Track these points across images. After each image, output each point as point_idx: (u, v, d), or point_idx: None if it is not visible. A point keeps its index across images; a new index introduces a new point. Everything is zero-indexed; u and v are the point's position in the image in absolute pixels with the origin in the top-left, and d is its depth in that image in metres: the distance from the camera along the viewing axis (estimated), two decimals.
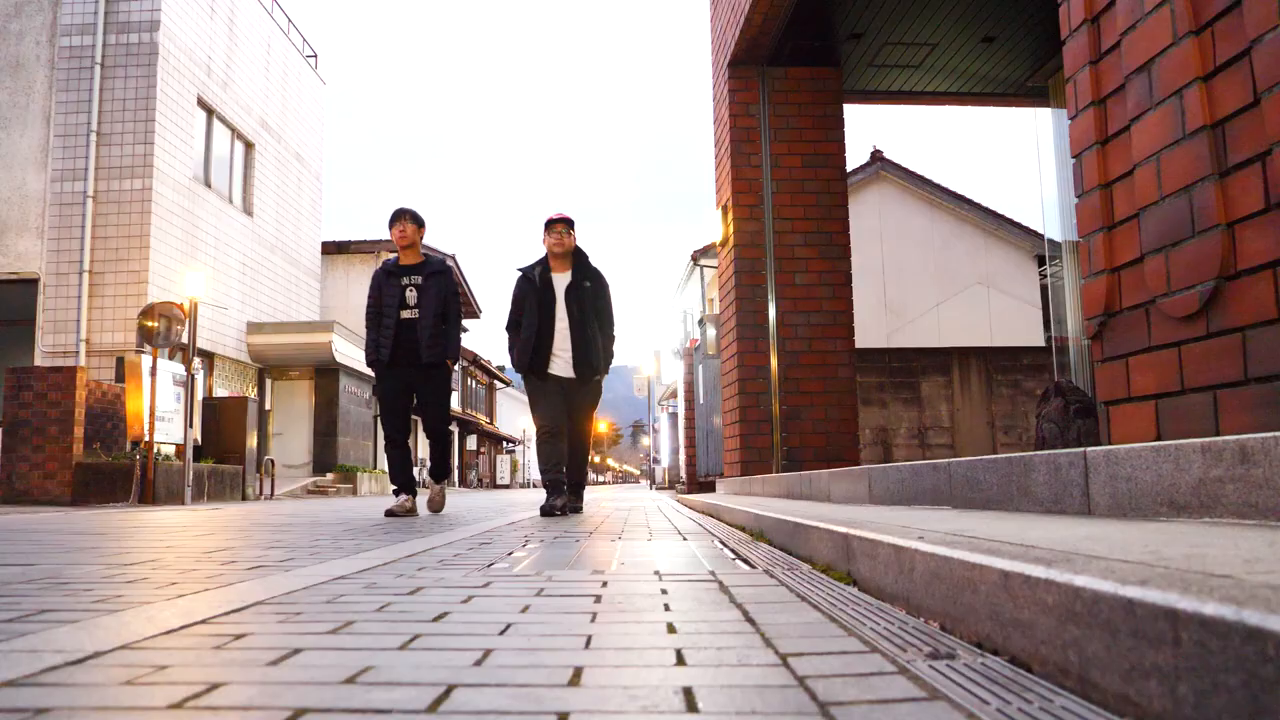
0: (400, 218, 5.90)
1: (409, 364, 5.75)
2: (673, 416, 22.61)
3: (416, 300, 5.78)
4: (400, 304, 5.76)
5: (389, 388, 5.79)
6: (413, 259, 5.93)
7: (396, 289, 5.80)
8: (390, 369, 5.76)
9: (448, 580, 2.01)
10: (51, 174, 14.14)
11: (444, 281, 5.89)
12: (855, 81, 8.32)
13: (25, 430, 10.31)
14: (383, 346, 5.74)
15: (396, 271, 5.87)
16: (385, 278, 5.87)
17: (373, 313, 5.85)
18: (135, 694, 0.97)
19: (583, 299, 5.63)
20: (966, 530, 1.75)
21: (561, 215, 5.73)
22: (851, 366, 7.36)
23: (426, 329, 5.73)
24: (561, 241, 5.66)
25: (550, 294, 5.63)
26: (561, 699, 0.94)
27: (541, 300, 5.61)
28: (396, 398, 5.81)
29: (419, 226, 5.97)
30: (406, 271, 5.86)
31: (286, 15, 19.97)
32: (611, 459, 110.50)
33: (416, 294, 5.79)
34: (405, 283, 5.81)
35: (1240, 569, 0.97)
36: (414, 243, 5.92)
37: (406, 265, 5.90)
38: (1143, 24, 2.33)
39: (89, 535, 3.93)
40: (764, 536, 3.24)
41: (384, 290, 5.82)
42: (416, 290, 5.80)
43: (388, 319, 5.75)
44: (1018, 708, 0.89)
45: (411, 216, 5.94)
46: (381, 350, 5.75)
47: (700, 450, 13.30)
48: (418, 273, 5.85)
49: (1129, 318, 2.43)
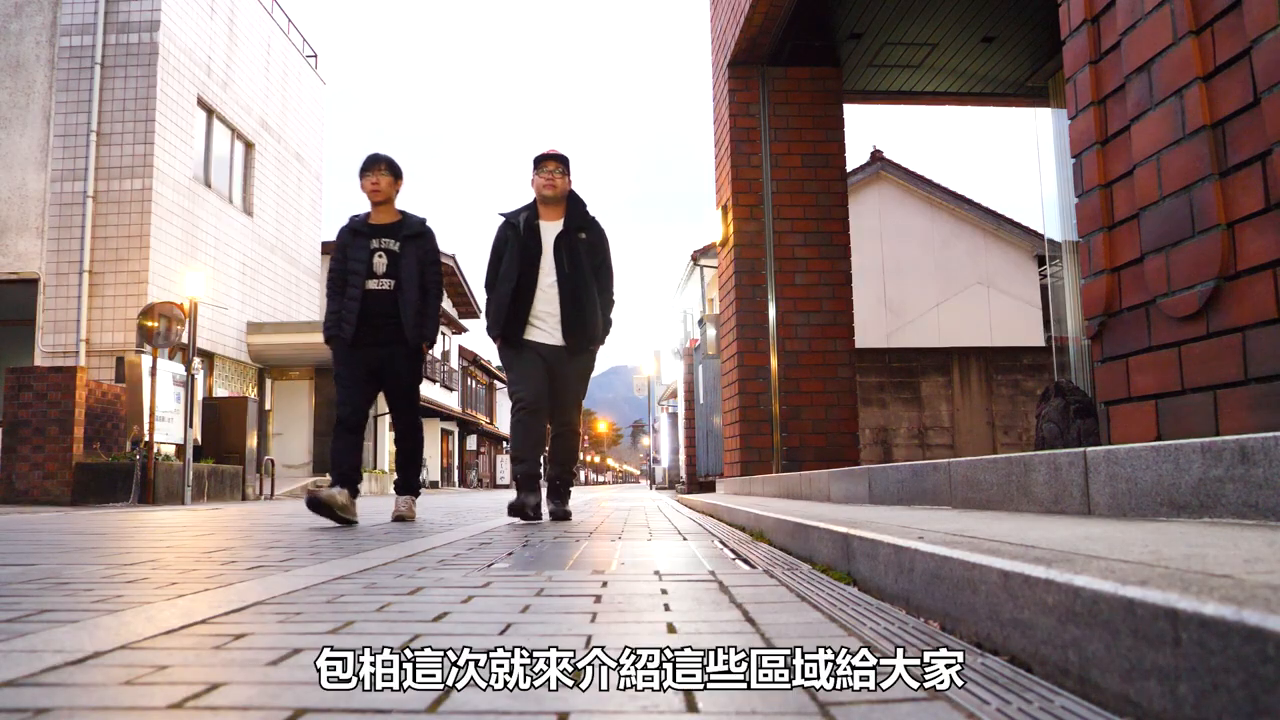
0: (374, 166, 4.90)
1: (376, 344, 4.77)
2: (673, 416, 22.62)
3: (388, 268, 4.79)
4: (368, 271, 4.76)
5: (350, 372, 4.78)
6: (386, 217, 4.91)
7: (364, 253, 4.79)
8: (353, 350, 4.76)
9: (448, 580, 2.01)
10: (51, 174, 14.14)
11: (423, 247, 4.88)
12: (855, 81, 8.32)
13: (25, 430, 10.30)
14: (345, 321, 4.74)
15: (365, 231, 4.85)
16: (351, 238, 4.86)
17: (335, 279, 4.85)
18: (135, 694, 0.97)
19: (576, 252, 4.68)
20: (966, 530, 1.75)
21: (554, 151, 4.81)
22: (851, 366, 7.36)
23: (400, 304, 4.77)
24: (553, 182, 4.74)
25: (536, 243, 4.69)
26: (562, 699, 0.94)
27: (525, 251, 4.67)
28: (358, 385, 4.79)
29: (395, 178, 4.94)
30: (378, 232, 4.84)
31: (286, 15, 19.97)
32: (611, 459, 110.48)
33: (388, 260, 4.80)
34: (375, 246, 4.81)
35: (1240, 569, 0.97)
36: (389, 198, 4.91)
37: (378, 225, 4.87)
38: (1143, 24, 2.33)
39: (89, 535, 3.93)
40: (764, 536, 3.24)
41: (349, 253, 4.83)
42: (388, 256, 4.80)
43: (353, 288, 4.75)
44: (1018, 708, 0.89)
45: (388, 165, 4.93)
46: (344, 326, 4.74)
47: (700, 450, 13.30)
48: (391, 235, 4.84)
49: (1129, 318, 2.43)
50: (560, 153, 4.82)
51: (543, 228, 4.73)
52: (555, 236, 4.69)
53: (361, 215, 4.95)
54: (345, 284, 4.80)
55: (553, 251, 4.67)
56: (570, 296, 4.64)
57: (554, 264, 4.66)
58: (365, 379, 4.82)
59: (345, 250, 4.85)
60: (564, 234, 4.69)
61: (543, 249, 4.68)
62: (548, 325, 4.68)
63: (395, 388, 4.94)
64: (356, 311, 4.73)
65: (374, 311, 4.76)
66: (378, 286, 4.78)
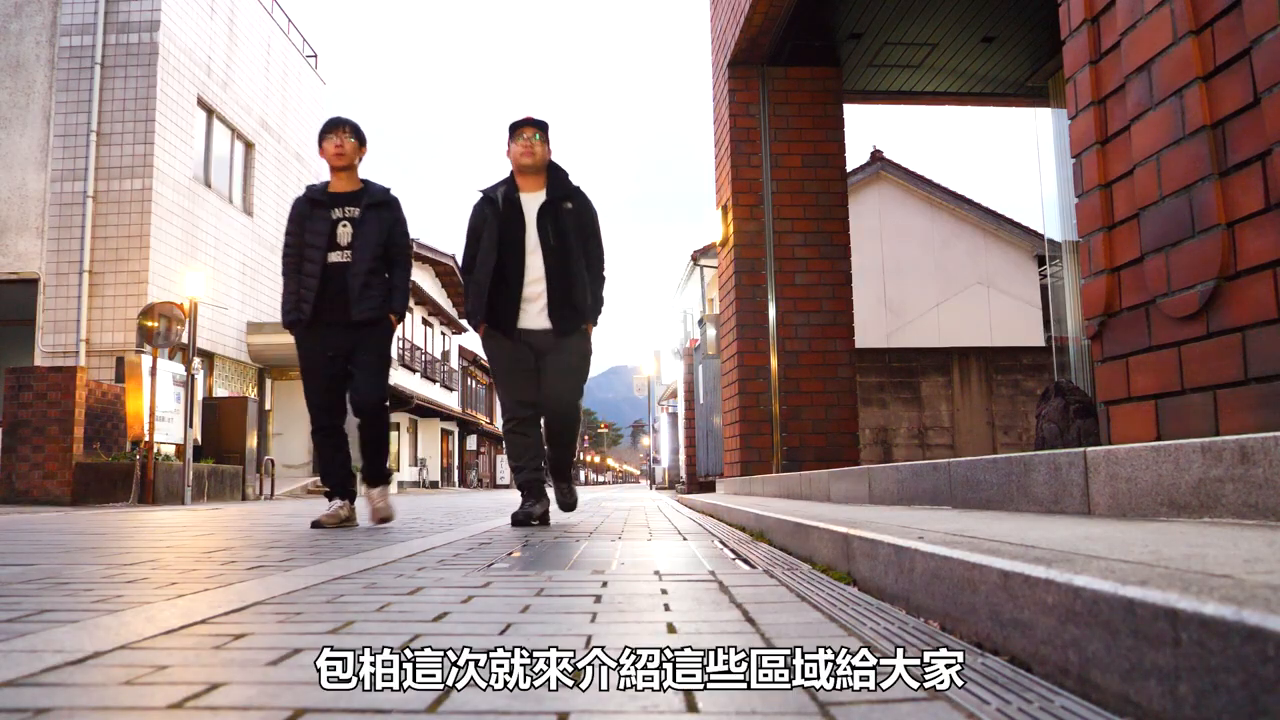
0: (337, 128, 4.49)
1: (338, 321, 4.34)
2: (673, 416, 22.62)
3: (351, 238, 4.36)
4: (329, 243, 4.35)
5: (313, 356, 4.38)
6: (348, 184, 4.50)
7: (324, 223, 4.37)
8: (312, 330, 4.35)
9: (448, 580, 2.01)
10: (51, 174, 14.14)
11: (387, 216, 4.48)
12: (855, 81, 8.32)
13: (25, 430, 10.30)
14: (304, 300, 4.33)
15: (325, 200, 4.44)
16: (309, 208, 4.44)
17: (291, 255, 4.43)
18: (135, 694, 0.97)
19: (562, 223, 4.27)
20: (966, 530, 1.75)
21: (531, 117, 4.41)
22: (851, 366, 7.36)
23: (361, 275, 4.34)
24: (531, 150, 4.31)
25: (517, 219, 4.27)
26: (562, 699, 0.94)
27: (505, 228, 4.25)
28: (324, 369, 4.38)
29: (360, 144, 4.55)
30: (339, 201, 4.44)
31: (286, 15, 19.98)
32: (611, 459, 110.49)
33: (351, 230, 4.37)
34: (336, 216, 4.40)
35: (1240, 569, 0.97)
36: (352, 164, 4.50)
37: (339, 193, 4.47)
38: (1143, 24, 2.33)
39: (89, 535, 3.93)
40: (764, 536, 3.24)
41: (307, 225, 4.41)
42: (351, 225, 4.38)
43: (311, 263, 4.33)
44: (1018, 708, 0.89)
45: (352, 129, 4.52)
46: (302, 305, 4.33)
47: (700, 450, 13.30)
48: (353, 203, 4.43)
49: (1129, 318, 2.43)
50: (538, 118, 4.42)
51: (523, 200, 4.31)
52: (538, 208, 4.28)
53: (319, 184, 4.56)
54: (302, 259, 4.39)
55: (536, 225, 4.25)
56: (558, 273, 4.22)
57: (538, 238, 4.24)
58: (332, 368, 4.39)
59: (303, 222, 4.44)
60: (547, 205, 4.28)
61: (525, 223, 4.26)
62: (533, 307, 4.25)
63: (358, 368, 4.46)
64: (316, 289, 4.31)
65: (335, 287, 4.34)
66: (341, 259, 4.36)
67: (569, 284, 4.24)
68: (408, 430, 30.72)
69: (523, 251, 4.24)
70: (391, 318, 4.46)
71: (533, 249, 4.25)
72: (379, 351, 4.49)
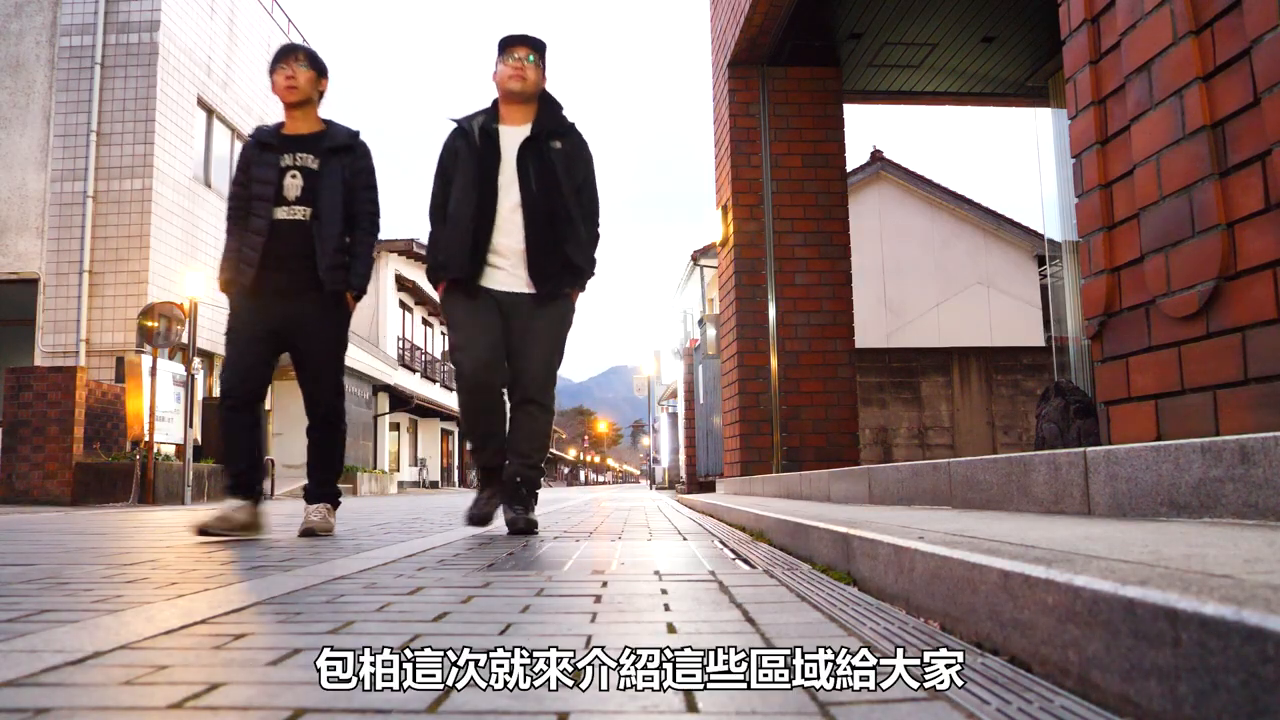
0: (288, 56, 3.70)
1: (285, 293, 3.59)
2: (673, 416, 22.62)
3: (303, 191, 3.60)
4: (278, 196, 3.59)
5: (245, 326, 3.60)
6: (304, 125, 3.73)
7: (272, 171, 3.62)
8: (253, 299, 3.59)
9: (448, 580, 2.01)
10: (51, 174, 14.15)
11: (352, 165, 3.71)
12: (855, 81, 8.32)
13: (25, 430, 10.30)
14: (245, 261, 3.58)
15: (276, 144, 3.69)
16: (258, 153, 3.69)
17: (236, 207, 3.68)
18: (135, 694, 0.97)
19: (548, 165, 3.53)
20: (966, 530, 1.75)
21: (526, 34, 3.67)
22: (851, 366, 7.36)
23: (321, 238, 3.58)
24: (522, 73, 3.58)
25: (494, 153, 3.54)
26: (562, 699, 0.94)
27: (480, 165, 3.53)
28: (254, 344, 3.60)
29: (319, 75, 3.76)
30: (291, 145, 3.67)
31: (286, 15, 19.98)
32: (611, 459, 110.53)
33: (304, 181, 3.61)
34: (288, 163, 3.63)
35: (1240, 569, 0.97)
36: (309, 98, 3.71)
37: (293, 135, 3.71)
38: (1143, 24, 2.33)
39: (89, 535, 3.93)
40: (764, 536, 3.24)
41: (253, 173, 3.66)
42: (304, 176, 3.62)
43: (258, 218, 3.59)
44: (1018, 708, 0.89)
45: (307, 56, 3.72)
46: (243, 268, 3.58)
47: (700, 450, 13.30)
48: (309, 148, 3.67)
49: (1129, 318, 2.43)
50: (535, 36, 3.67)
51: (503, 134, 3.58)
52: (520, 145, 3.55)
53: (269, 127, 3.81)
54: (248, 213, 3.63)
55: (516, 164, 3.52)
56: (539, 223, 3.49)
57: (517, 180, 3.50)
58: (263, 337, 3.61)
59: (249, 169, 3.69)
60: (531, 141, 3.55)
61: (503, 161, 3.53)
62: (508, 264, 3.52)
63: (308, 354, 3.68)
64: (261, 248, 3.55)
65: (283, 250, 3.57)
66: (289, 216, 3.59)
67: (553, 239, 3.50)
68: (408, 430, 30.72)
69: (494, 195, 3.50)
70: (349, 296, 3.69)
71: (508, 192, 3.50)
72: (336, 340, 3.74)
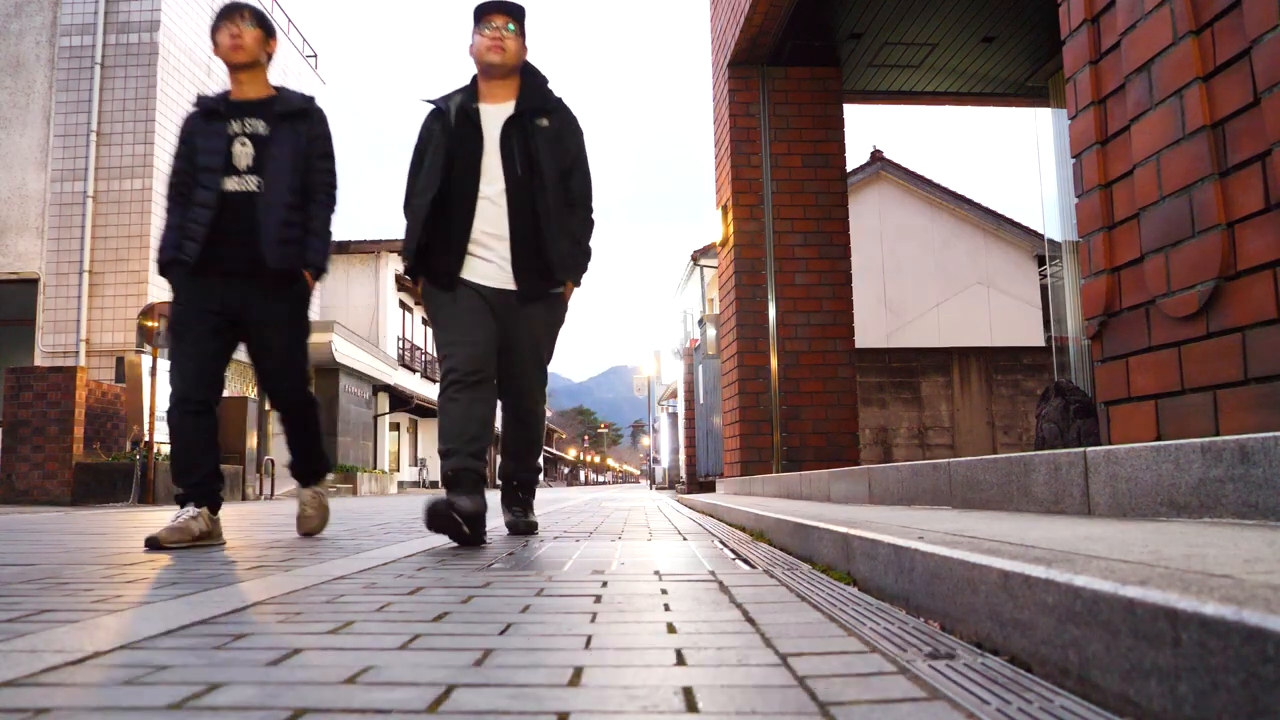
0: (233, 14, 3.40)
1: (236, 272, 3.29)
2: (673, 416, 22.62)
3: (255, 159, 3.32)
4: (226, 166, 3.31)
5: (191, 313, 3.29)
6: (252, 90, 3.44)
7: (220, 140, 3.33)
8: (198, 280, 3.28)
9: (448, 580, 2.01)
10: (51, 174, 14.15)
11: (306, 132, 3.42)
12: (855, 81, 8.32)
13: (25, 430, 10.31)
14: (188, 238, 3.25)
15: (224, 111, 3.40)
16: (203, 122, 3.39)
17: (178, 182, 3.37)
18: (135, 694, 0.97)
19: (534, 146, 3.19)
20: (966, 530, 1.75)
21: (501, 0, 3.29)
22: (851, 366, 7.36)
23: (280, 210, 3.29)
24: (501, 43, 3.23)
25: (473, 137, 3.22)
26: (562, 699, 0.94)
27: (460, 145, 3.20)
28: (203, 333, 3.28)
29: (267, 36, 3.48)
30: (239, 111, 3.40)
31: (286, 15, 19.97)
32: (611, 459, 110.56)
33: (255, 150, 3.33)
34: (236, 130, 3.35)
35: (1240, 569, 0.97)
36: (256, 61, 3.42)
37: (241, 101, 3.42)
38: (1143, 24, 2.33)
39: (89, 535, 3.93)
40: (764, 536, 3.24)
41: (199, 143, 3.36)
42: (256, 143, 3.34)
43: (205, 190, 3.28)
44: (1018, 708, 0.89)
45: (253, 15, 3.44)
46: (186, 245, 3.25)
47: (700, 450, 13.30)
48: (258, 114, 3.39)
49: (1129, 318, 2.43)
50: (512, 2, 3.30)
51: (484, 113, 3.24)
52: (504, 124, 3.22)
53: (216, 93, 3.52)
54: (194, 185, 3.32)
55: (499, 146, 3.19)
56: (525, 211, 3.16)
57: (501, 163, 3.17)
58: (218, 330, 3.31)
59: (193, 140, 3.37)
60: (516, 120, 3.22)
61: (484, 143, 3.20)
62: (492, 255, 3.18)
63: (266, 344, 3.40)
64: (208, 222, 3.23)
65: (233, 224, 3.26)
66: (240, 187, 3.29)
67: (541, 228, 3.17)
68: (408, 430, 30.72)
69: (476, 181, 3.17)
70: (307, 276, 3.37)
71: (493, 177, 3.17)
72: (295, 324, 3.43)
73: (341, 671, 1.07)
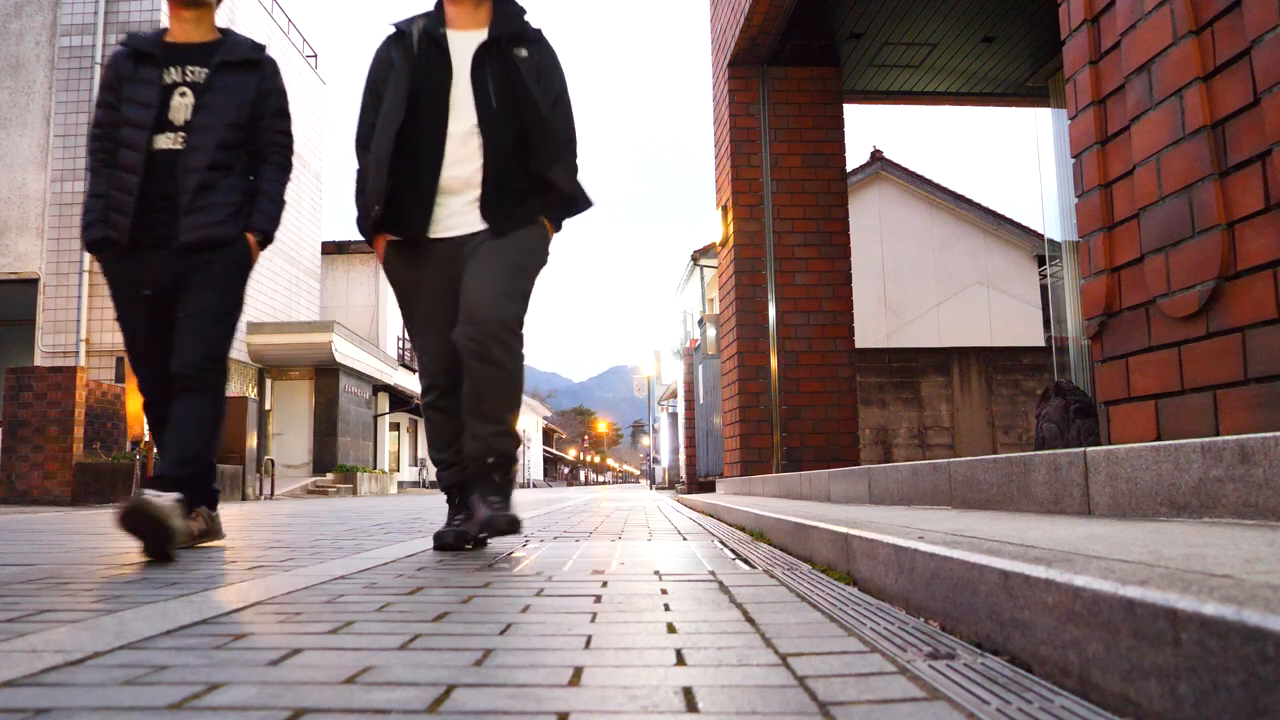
0: None
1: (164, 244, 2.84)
2: (673, 416, 22.62)
3: (192, 115, 2.86)
4: (158, 120, 2.83)
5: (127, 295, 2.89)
6: (194, 33, 2.98)
7: (151, 90, 2.85)
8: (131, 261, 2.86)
9: (448, 580, 2.01)
10: (51, 174, 14.15)
11: (257, 86, 2.97)
12: (855, 81, 8.32)
13: (25, 430, 10.31)
14: (115, 210, 2.82)
15: (158, 55, 2.92)
16: (132, 68, 2.90)
17: (101, 138, 2.90)
18: (135, 694, 0.97)
19: (513, 76, 2.77)
20: (966, 530, 1.75)
21: None
22: (851, 366, 7.36)
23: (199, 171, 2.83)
24: None
25: (440, 65, 2.78)
26: (562, 699, 0.94)
27: (423, 76, 2.77)
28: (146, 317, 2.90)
29: None
30: (177, 56, 2.92)
31: (286, 15, 19.97)
32: (611, 459, 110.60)
33: (195, 100, 2.87)
34: (174, 79, 2.88)
35: (1240, 569, 0.97)
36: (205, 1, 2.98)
37: (180, 45, 2.96)
38: (1143, 24, 2.33)
39: (89, 535, 3.93)
40: (764, 536, 3.24)
41: (126, 92, 2.88)
42: (195, 93, 2.87)
43: (130, 150, 2.82)
44: (1018, 708, 0.89)
45: None
46: (114, 217, 2.82)
47: (700, 450, 13.30)
48: (197, 60, 2.92)
49: (1129, 318, 2.43)
50: None
51: (452, 40, 2.82)
52: (475, 51, 2.78)
53: (150, 32, 3.01)
54: (116, 143, 2.85)
55: (471, 77, 2.77)
56: (503, 150, 2.75)
57: (472, 96, 2.75)
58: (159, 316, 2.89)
59: (118, 88, 2.89)
60: (490, 48, 2.79)
61: (454, 72, 2.78)
62: (458, 202, 2.75)
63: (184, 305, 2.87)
64: (137, 189, 2.79)
65: (168, 188, 2.82)
66: (173, 145, 2.84)
67: (517, 166, 2.78)
68: (408, 430, 30.71)
69: (444, 114, 2.75)
70: (250, 239, 2.93)
71: (461, 112, 2.75)
72: (220, 290, 2.90)
73: (341, 671, 1.07)
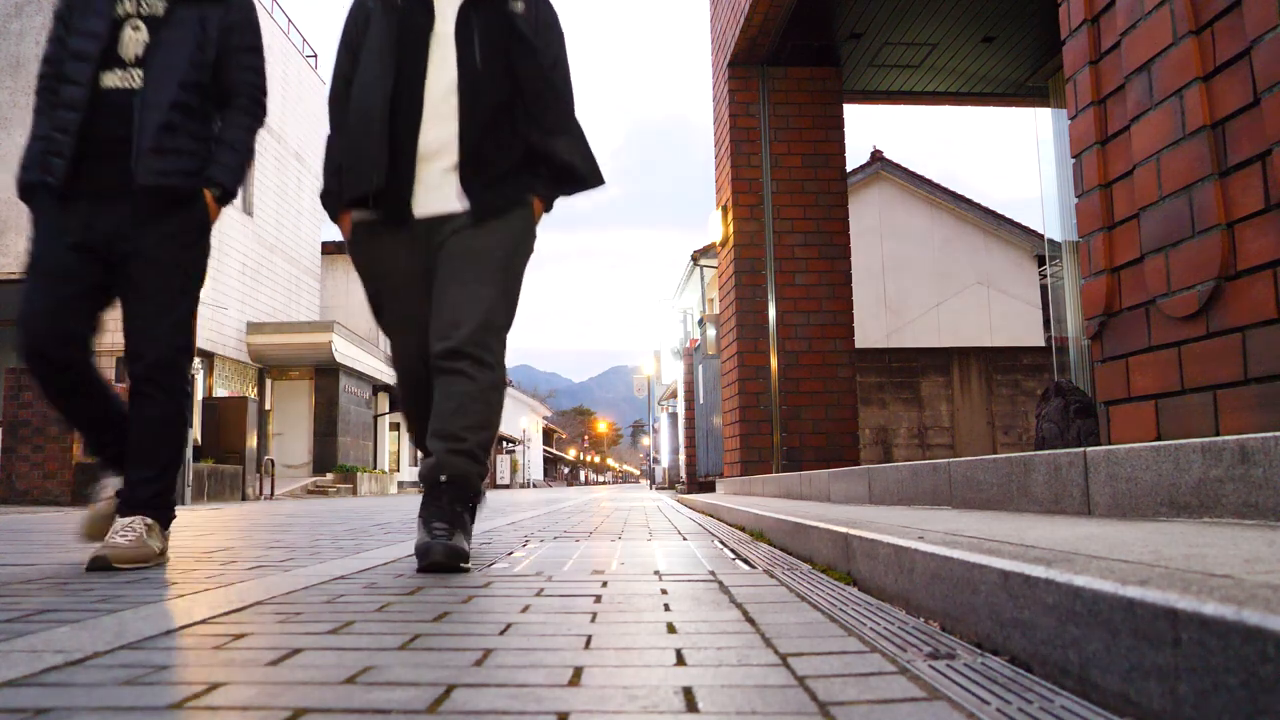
0: None
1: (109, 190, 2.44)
2: (673, 416, 22.62)
3: (147, 51, 2.51)
4: (106, 56, 2.49)
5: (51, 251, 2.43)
6: None
7: (101, 22, 2.51)
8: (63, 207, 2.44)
9: (448, 580, 2.00)
10: None
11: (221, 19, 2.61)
12: (855, 81, 8.32)
13: (25, 430, 10.31)
14: (54, 151, 2.44)
15: None
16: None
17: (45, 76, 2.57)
18: (135, 694, 0.97)
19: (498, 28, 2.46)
20: (966, 530, 1.75)
21: None
22: (851, 366, 7.36)
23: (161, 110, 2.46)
24: None
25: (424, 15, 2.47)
26: (562, 699, 0.94)
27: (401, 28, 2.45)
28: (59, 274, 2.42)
29: None
30: None
31: (286, 15, 19.99)
32: (611, 459, 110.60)
33: (149, 35, 2.52)
34: (127, 9, 2.53)
35: (1240, 569, 0.97)
36: None
37: None
38: (1143, 24, 2.33)
39: None
40: (764, 536, 3.24)
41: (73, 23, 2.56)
42: (150, 27, 2.53)
43: (73, 86, 2.47)
44: (1018, 708, 0.89)
45: None
46: (51, 160, 2.43)
47: (700, 450, 13.30)
48: None
49: (1129, 318, 2.43)
50: None
51: None
52: (459, 8, 2.46)
53: None
54: (59, 79, 2.52)
55: (455, 31, 2.45)
56: (483, 110, 2.41)
57: (455, 50, 2.43)
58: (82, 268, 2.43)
59: (67, 20, 2.58)
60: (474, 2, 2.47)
61: (436, 21, 2.46)
62: (434, 170, 2.41)
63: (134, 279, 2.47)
64: (76, 130, 2.42)
65: (112, 130, 2.45)
66: (122, 84, 2.49)
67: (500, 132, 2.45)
68: (408, 430, 30.67)
69: (423, 71, 2.43)
70: (208, 196, 2.55)
71: (442, 68, 2.42)
72: (177, 259, 2.52)
73: (341, 671, 1.07)
